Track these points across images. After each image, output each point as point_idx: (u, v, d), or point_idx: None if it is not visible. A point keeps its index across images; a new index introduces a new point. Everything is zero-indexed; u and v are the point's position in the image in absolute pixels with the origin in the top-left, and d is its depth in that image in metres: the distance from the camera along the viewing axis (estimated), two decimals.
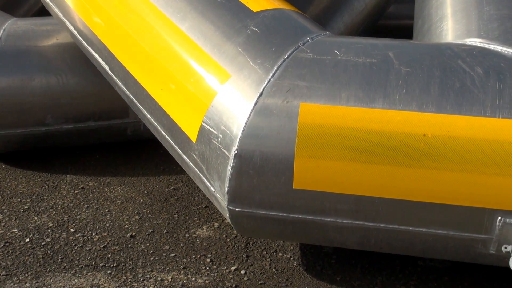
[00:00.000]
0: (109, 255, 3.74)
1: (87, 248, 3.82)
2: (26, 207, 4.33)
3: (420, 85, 2.89)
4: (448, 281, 3.53)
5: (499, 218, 2.83)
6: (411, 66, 2.96)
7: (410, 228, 2.96)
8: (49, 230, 4.02)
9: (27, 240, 3.91)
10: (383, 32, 6.57)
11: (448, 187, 2.80)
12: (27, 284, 3.46)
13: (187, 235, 3.97)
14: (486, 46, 3.10)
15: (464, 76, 2.88)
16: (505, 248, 2.88)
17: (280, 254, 3.77)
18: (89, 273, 3.57)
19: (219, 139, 3.06)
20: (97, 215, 4.21)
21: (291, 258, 3.73)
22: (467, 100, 2.82)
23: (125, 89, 3.85)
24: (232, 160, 2.98)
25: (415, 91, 2.87)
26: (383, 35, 3.86)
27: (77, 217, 4.19)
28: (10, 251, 3.77)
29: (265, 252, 3.78)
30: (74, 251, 3.79)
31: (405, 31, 5.09)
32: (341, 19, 5.75)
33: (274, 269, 3.62)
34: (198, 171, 3.30)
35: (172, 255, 3.76)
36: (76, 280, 3.50)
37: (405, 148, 2.79)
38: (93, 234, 3.97)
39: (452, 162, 2.76)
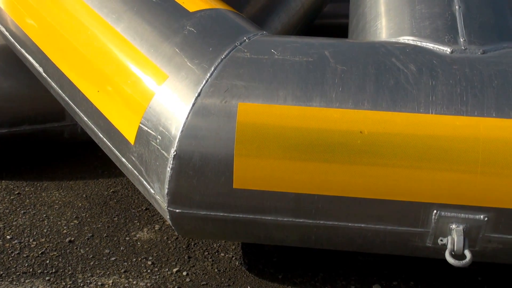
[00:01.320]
0: (48, 261, 3.67)
1: (24, 255, 3.73)
2: None
3: (356, 83, 2.93)
4: (387, 275, 3.60)
5: (435, 211, 2.89)
6: (347, 64, 3.00)
7: (349, 224, 3.00)
8: None
9: None
10: (319, 31, 6.64)
11: (385, 182, 2.85)
12: None
13: (127, 238, 3.93)
14: (419, 43, 3.17)
15: (398, 73, 2.94)
16: (441, 240, 2.95)
17: (222, 254, 3.76)
18: (27, 281, 3.49)
19: (158, 141, 3.03)
20: (34, 220, 4.12)
21: (233, 258, 3.73)
22: (401, 97, 2.87)
23: (60, 91, 3.78)
24: (171, 161, 2.96)
25: (351, 89, 2.91)
26: (320, 34, 3.90)
27: (13, 223, 4.09)
28: None
29: (207, 253, 3.77)
30: (10, 258, 3.70)
31: (341, 30, 5.15)
32: (278, 18, 5.78)
33: (216, 270, 3.62)
34: (137, 173, 3.27)
35: (113, 259, 3.71)
36: None
37: (343, 145, 2.83)
38: (31, 240, 3.89)
39: (388, 158, 2.82)
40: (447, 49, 3.09)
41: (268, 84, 2.95)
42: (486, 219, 2.87)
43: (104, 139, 3.47)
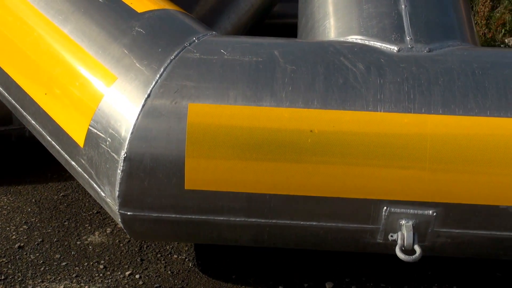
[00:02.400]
0: None
1: None
2: None
3: (306, 82, 2.95)
4: (339, 272, 3.63)
5: (385, 208, 2.94)
6: (296, 63, 3.02)
7: (301, 223, 3.02)
8: None
9: None
10: (269, 31, 6.67)
11: (336, 180, 2.88)
12: None
13: (78, 242, 3.88)
14: (367, 42, 3.21)
15: (347, 72, 2.97)
16: (391, 236, 3.00)
17: (175, 256, 3.74)
18: None
19: (108, 143, 3.00)
20: None
21: (186, 259, 3.72)
22: (350, 96, 2.90)
23: (7, 95, 3.70)
24: (122, 164, 2.93)
25: (300, 88, 2.93)
26: (269, 34, 3.92)
27: None
28: None
29: (159, 255, 3.75)
30: None
31: (290, 30, 5.18)
32: (227, 19, 5.78)
33: (169, 272, 3.59)
34: (87, 176, 3.22)
35: (64, 264, 3.65)
36: None
37: (293, 145, 2.84)
38: None
39: (338, 156, 2.84)
40: (394, 48, 3.14)
41: (218, 84, 2.94)
42: (434, 214, 2.93)
43: (53, 142, 3.41)
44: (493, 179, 2.85)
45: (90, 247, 3.82)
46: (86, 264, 3.65)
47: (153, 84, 2.98)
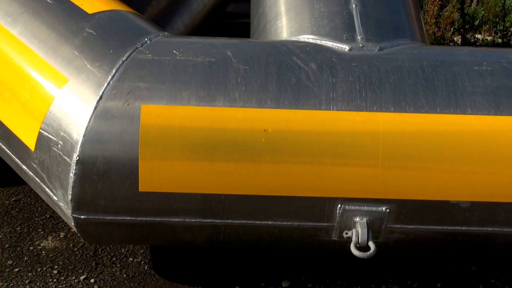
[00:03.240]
0: None
1: None
2: None
3: (259, 82, 2.96)
4: (295, 271, 3.65)
5: (339, 205, 2.96)
6: (249, 63, 3.02)
7: (257, 222, 3.03)
8: None
9: None
10: (222, 31, 6.66)
11: (290, 179, 2.89)
12: None
13: (31, 247, 3.81)
14: (318, 42, 3.24)
15: (300, 71, 2.99)
16: (346, 234, 3.03)
17: (131, 259, 3.71)
18: None
19: (59, 146, 2.95)
20: None
21: (142, 262, 3.69)
22: (303, 95, 2.92)
23: None
24: (74, 167, 2.89)
25: (254, 88, 2.94)
26: (222, 34, 3.91)
27: None
28: None
29: (114, 258, 3.71)
30: None
31: (244, 30, 5.19)
32: (180, 19, 5.75)
33: (125, 275, 3.56)
34: (39, 180, 3.17)
35: (16, 270, 3.58)
36: None
37: (247, 144, 2.85)
38: None
39: (292, 155, 2.86)
40: (345, 47, 3.17)
41: (171, 85, 2.93)
42: (388, 210, 2.97)
43: (3, 146, 3.35)
44: (443, 175, 2.90)
45: (43, 252, 3.76)
46: (39, 269, 3.59)
47: (105, 85, 2.95)
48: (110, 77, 2.97)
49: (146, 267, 3.64)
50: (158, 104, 2.89)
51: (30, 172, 3.21)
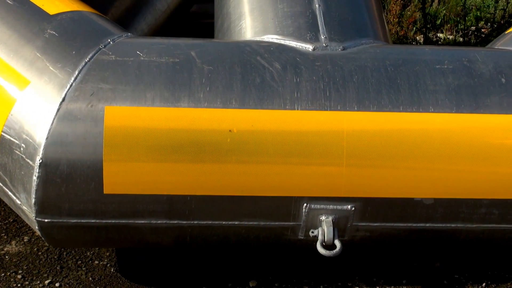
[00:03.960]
0: None
1: None
2: None
3: (223, 82, 2.96)
4: (262, 270, 3.66)
5: (305, 204, 2.98)
6: (213, 64, 3.02)
7: (223, 223, 3.03)
8: None
9: None
10: (186, 31, 6.64)
11: (256, 179, 2.90)
12: None
13: None
14: (282, 42, 3.25)
15: (264, 71, 3.00)
16: (312, 232, 3.05)
17: (96, 262, 3.68)
18: None
19: (22, 149, 2.91)
20: None
21: (108, 265, 3.65)
22: (268, 95, 2.93)
23: None
24: (37, 170, 2.85)
25: (218, 88, 2.93)
26: (186, 34, 3.90)
27: None
28: None
29: (80, 262, 3.67)
30: None
31: (208, 30, 5.18)
32: (143, 20, 5.72)
33: (90, 278, 3.53)
34: (1, 184, 3.12)
35: None
36: None
37: (213, 145, 2.85)
38: None
39: (258, 155, 2.86)
40: (309, 47, 3.19)
41: (135, 86, 2.91)
42: (353, 209, 2.99)
43: None
44: (407, 172, 2.94)
45: (6, 257, 3.70)
46: (3, 274, 3.54)
47: (68, 87, 2.92)
48: (73, 78, 2.94)
49: (112, 270, 3.61)
50: (122, 105, 2.87)
51: None
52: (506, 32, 3.90)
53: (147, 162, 2.84)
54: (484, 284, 3.56)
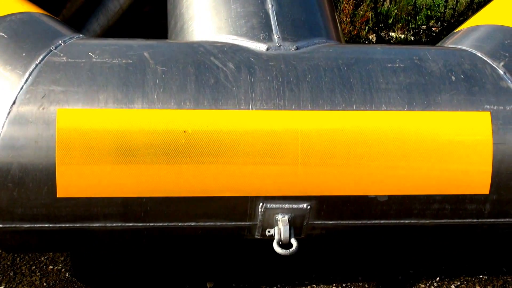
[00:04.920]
0: None
1: None
2: None
3: (177, 83, 2.94)
4: (219, 272, 3.65)
5: (261, 204, 2.99)
6: (167, 65, 3.00)
7: (180, 224, 3.01)
8: None
9: None
10: (140, 32, 6.59)
11: (212, 180, 2.89)
12: None
13: None
14: (236, 42, 3.25)
15: (218, 72, 3.00)
16: (269, 232, 3.06)
17: (51, 267, 3.62)
18: None
19: None
20: None
21: (63, 270, 3.60)
22: (222, 95, 2.93)
23: None
24: None
25: (172, 89, 2.92)
26: (140, 35, 3.87)
27: None
28: None
29: (34, 267, 3.61)
30: None
31: (162, 31, 5.15)
32: (96, 21, 5.67)
33: (45, 284, 3.47)
34: None
35: None
36: None
37: (167, 146, 2.83)
38: None
39: (213, 156, 2.86)
40: (263, 47, 3.20)
41: (87, 88, 2.88)
42: (309, 207, 3.01)
43: None
44: (361, 170, 2.97)
45: None
46: None
47: (19, 90, 2.86)
48: (23, 81, 2.89)
49: (67, 275, 3.56)
50: (75, 107, 2.83)
51: None
52: (455, 31, 3.98)
53: (100, 165, 2.81)
54: (438, 279, 3.62)
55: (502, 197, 3.12)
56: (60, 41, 3.11)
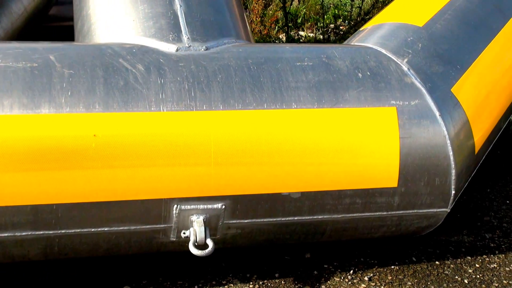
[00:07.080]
0: None
1: None
2: None
3: (85, 86, 2.89)
4: (135, 275, 3.61)
5: (175, 206, 2.97)
6: (74, 68, 2.94)
7: (92, 230, 2.96)
8: None
9: None
10: (46, 35, 6.43)
11: (124, 183, 2.85)
12: None
13: None
14: (145, 43, 3.22)
15: (127, 74, 2.96)
16: (184, 233, 3.05)
17: None
18: None
19: None
20: None
21: None
22: (132, 97, 2.90)
23: None
24: None
25: (80, 92, 2.86)
26: (46, 38, 3.77)
27: None
28: None
29: None
30: None
31: (68, 33, 5.05)
32: None
33: None
34: None
35: None
36: None
37: (77, 151, 2.77)
38: None
39: (124, 159, 2.82)
40: (172, 47, 3.19)
41: None
42: (223, 207, 3.02)
43: None
44: (274, 168, 3.01)
45: None
46: None
47: None
48: None
49: None
50: None
51: None
52: (361, 29, 4.09)
53: (7, 172, 2.72)
54: (351, 271, 3.70)
55: (410, 189, 3.23)
56: None
